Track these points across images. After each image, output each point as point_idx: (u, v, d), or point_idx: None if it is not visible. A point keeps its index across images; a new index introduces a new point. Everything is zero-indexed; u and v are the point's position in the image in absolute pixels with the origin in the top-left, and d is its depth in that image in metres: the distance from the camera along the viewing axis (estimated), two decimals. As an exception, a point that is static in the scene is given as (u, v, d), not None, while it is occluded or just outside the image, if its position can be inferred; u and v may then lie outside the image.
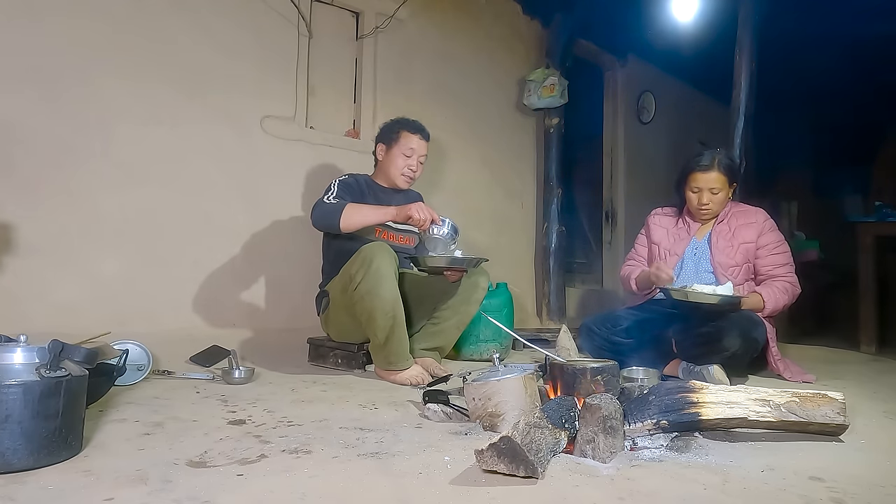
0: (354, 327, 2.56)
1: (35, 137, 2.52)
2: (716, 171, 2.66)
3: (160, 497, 1.13)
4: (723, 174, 2.66)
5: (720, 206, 2.73)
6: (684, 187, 2.76)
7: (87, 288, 2.62)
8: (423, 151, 2.82)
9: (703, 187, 2.68)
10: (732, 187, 2.74)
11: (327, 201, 2.54)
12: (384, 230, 2.78)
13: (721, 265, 2.68)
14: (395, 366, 2.43)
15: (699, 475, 1.32)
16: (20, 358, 1.31)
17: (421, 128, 2.83)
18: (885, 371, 3.14)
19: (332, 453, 1.42)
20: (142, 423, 1.67)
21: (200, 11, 2.99)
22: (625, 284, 2.97)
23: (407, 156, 2.78)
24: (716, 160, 2.67)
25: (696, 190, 2.71)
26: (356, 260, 2.44)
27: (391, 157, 2.79)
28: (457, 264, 2.54)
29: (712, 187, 2.67)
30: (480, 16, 4.34)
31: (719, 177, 2.66)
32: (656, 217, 2.96)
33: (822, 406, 1.60)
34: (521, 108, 4.56)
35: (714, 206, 2.71)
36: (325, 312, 2.69)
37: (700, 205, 2.71)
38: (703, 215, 2.76)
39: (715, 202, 2.70)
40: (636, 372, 2.31)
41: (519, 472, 1.22)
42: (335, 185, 2.67)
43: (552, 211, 4.61)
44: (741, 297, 2.52)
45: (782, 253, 2.71)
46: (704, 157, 2.69)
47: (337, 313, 2.62)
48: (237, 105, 3.10)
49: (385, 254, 2.40)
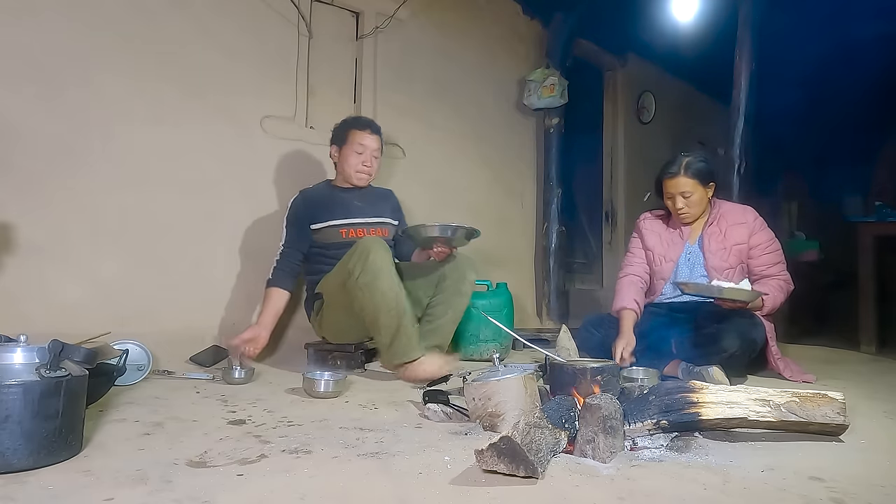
0: (352, 325, 2.56)
1: (35, 137, 2.52)
2: (682, 177, 2.65)
3: (160, 497, 1.13)
4: (690, 178, 2.65)
5: (697, 207, 2.71)
6: (663, 196, 2.77)
7: (87, 288, 2.62)
8: (374, 146, 2.84)
9: (675, 193, 2.68)
10: (709, 187, 2.71)
11: (271, 272, 2.75)
12: (351, 228, 2.80)
13: (715, 268, 2.68)
14: (409, 356, 2.39)
15: (699, 475, 1.32)
16: (20, 358, 1.31)
17: (369, 123, 2.86)
18: (885, 371, 3.14)
19: (332, 453, 1.42)
20: (142, 423, 1.67)
21: (200, 11, 2.99)
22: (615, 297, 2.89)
23: (359, 153, 2.80)
24: (682, 165, 2.66)
25: (670, 196, 2.71)
26: (353, 254, 2.46)
27: (344, 157, 2.82)
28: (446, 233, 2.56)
29: (682, 191, 2.67)
30: (480, 16, 4.34)
31: (687, 181, 2.65)
32: (647, 222, 2.94)
33: (822, 406, 1.60)
34: (521, 108, 4.56)
35: (691, 209, 2.70)
36: (319, 314, 2.68)
37: (676, 210, 2.71)
38: (684, 219, 2.76)
39: (690, 205, 2.69)
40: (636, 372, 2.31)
41: (519, 472, 1.22)
42: (285, 223, 2.82)
43: (552, 211, 4.61)
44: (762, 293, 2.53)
45: (774, 251, 2.72)
46: (672, 164, 2.69)
47: (332, 313, 2.61)
48: (237, 105, 3.10)
49: (380, 247, 2.43)
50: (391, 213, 2.99)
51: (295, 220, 2.79)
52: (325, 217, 2.78)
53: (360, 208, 2.85)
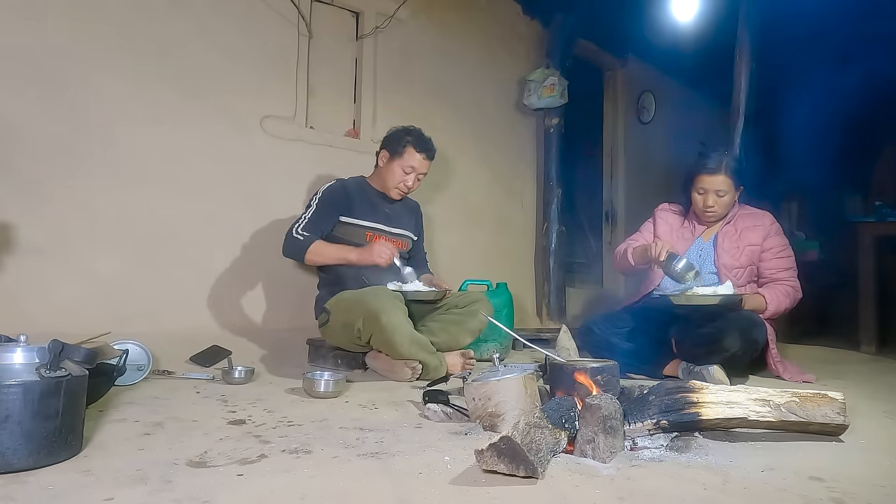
0: (360, 347, 2.58)
1: (35, 138, 2.52)
2: (723, 175, 2.65)
3: (160, 497, 1.13)
4: (729, 177, 2.65)
5: (725, 208, 2.72)
6: (690, 188, 2.75)
7: (88, 288, 2.62)
8: (423, 170, 2.82)
9: (710, 189, 2.67)
10: (739, 190, 2.73)
11: (297, 235, 2.62)
12: (376, 233, 2.78)
13: (725, 266, 2.68)
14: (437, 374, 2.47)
15: (699, 475, 1.32)
16: (20, 358, 1.30)
17: (428, 147, 2.81)
18: (885, 371, 3.14)
19: (332, 453, 1.42)
20: (142, 423, 1.66)
21: (200, 11, 2.99)
22: (618, 259, 2.88)
23: (406, 172, 2.78)
24: (724, 163, 2.65)
25: (703, 192, 2.69)
26: (358, 312, 2.41)
27: (391, 169, 2.79)
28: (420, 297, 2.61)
29: (718, 189, 2.66)
30: (480, 16, 4.34)
31: (726, 179, 2.65)
32: (663, 212, 2.95)
33: (822, 406, 1.60)
34: (521, 108, 4.56)
35: (719, 209, 2.70)
36: (325, 325, 2.66)
37: (706, 207, 2.70)
38: (709, 217, 2.75)
39: (720, 205, 2.69)
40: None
41: (519, 472, 1.22)
42: (316, 200, 2.71)
43: (552, 211, 4.61)
44: (742, 294, 2.52)
45: (787, 257, 2.71)
46: (712, 160, 2.68)
47: (337, 334, 2.61)
48: (237, 105, 3.10)
49: (390, 305, 2.38)
50: (414, 228, 2.99)
51: (328, 203, 2.72)
52: (355, 213, 2.76)
53: (387, 216, 2.85)
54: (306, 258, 2.62)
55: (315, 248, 2.61)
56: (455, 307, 2.69)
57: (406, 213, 2.97)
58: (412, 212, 3.03)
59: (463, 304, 2.69)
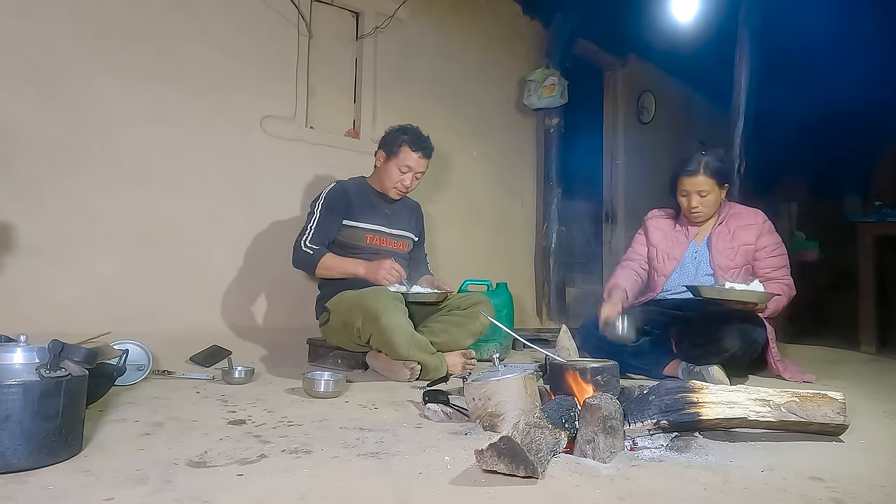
0: (360, 347, 2.58)
1: (35, 138, 2.52)
2: (702, 175, 2.64)
3: (160, 497, 1.13)
4: (710, 177, 2.65)
5: (711, 208, 2.72)
6: (675, 192, 2.76)
7: (87, 288, 2.62)
8: (420, 169, 2.81)
9: (691, 191, 2.68)
10: (724, 188, 2.72)
11: (306, 248, 2.62)
12: (376, 235, 2.78)
13: (721, 267, 2.68)
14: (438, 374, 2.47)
15: (699, 475, 1.32)
16: (20, 358, 1.30)
17: (424, 145, 2.79)
18: (885, 371, 3.14)
19: (332, 453, 1.42)
20: (142, 423, 1.66)
21: (200, 12, 2.99)
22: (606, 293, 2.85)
23: (403, 171, 2.77)
24: (702, 163, 2.65)
25: (685, 194, 2.70)
26: (358, 312, 2.42)
27: (388, 168, 2.79)
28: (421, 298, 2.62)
29: (700, 190, 2.66)
30: (480, 16, 4.34)
31: (706, 180, 2.65)
32: (654, 219, 2.95)
33: (822, 406, 1.60)
34: (521, 108, 4.56)
35: (704, 209, 2.70)
36: (325, 325, 2.66)
37: (690, 208, 2.71)
38: (696, 218, 2.75)
39: (705, 205, 2.69)
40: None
41: (519, 472, 1.22)
42: (318, 207, 2.70)
43: (552, 211, 4.62)
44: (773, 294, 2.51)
45: (780, 255, 2.72)
46: (691, 162, 2.68)
47: (337, 333, 2.61)
48: (237, 105, 3.10)
49: (390, 305, 2.38)
50: (415, 228, 2.99)
51: (331, 207, 2.71)
52: (356, 216, 2.75)
53: (388, 217, 2.85)
54: (317, 272, 2.64)
55: (325, 262, 2.62)
56: (457, 309, 2.69)
57: (406, 214, 2.97)
58: (413, 212, 3.02)
59: (465, 305, 2.69)
